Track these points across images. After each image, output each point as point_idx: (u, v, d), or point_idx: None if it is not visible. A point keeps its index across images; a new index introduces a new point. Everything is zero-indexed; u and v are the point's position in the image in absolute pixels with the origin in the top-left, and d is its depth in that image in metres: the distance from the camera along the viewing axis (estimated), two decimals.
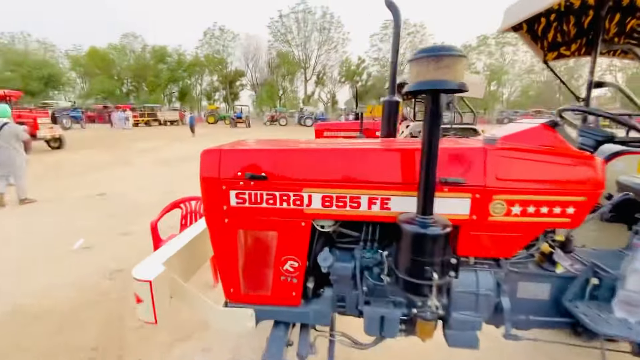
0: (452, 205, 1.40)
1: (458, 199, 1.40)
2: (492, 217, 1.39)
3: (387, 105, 2.15)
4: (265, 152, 1.47)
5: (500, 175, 1.37)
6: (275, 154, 1.46)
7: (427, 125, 1.18)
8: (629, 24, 2.28)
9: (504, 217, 1.39)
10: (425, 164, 1.20)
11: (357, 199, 1.41)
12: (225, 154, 1.45)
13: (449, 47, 1.09)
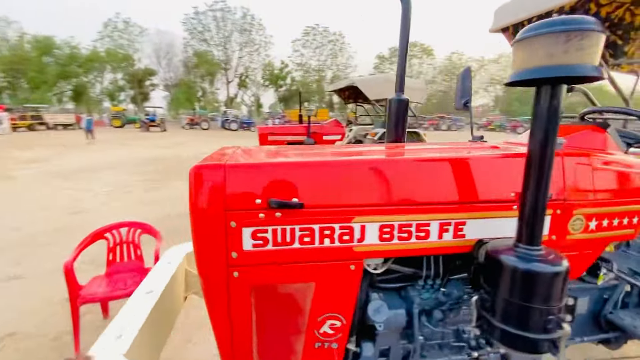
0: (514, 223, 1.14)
1: None
2: (571, 235, 1.17)
3: (395, 105, 1.84)
4: (298, 166, 0.99)
5: (579, 185, 1.16)
6: (315, 169, 0.99)
7: (542, 126, 0.86)
8: None
9: (581, 234, 1.18)
10: (537, 177, 0.89)
11: (426, 226, 1.04)
12: (234, 170, 0.93)
13: (581, 19, 0.78)
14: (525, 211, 0.92)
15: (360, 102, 7.73)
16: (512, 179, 1.10)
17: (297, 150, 1.40)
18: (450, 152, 1.27)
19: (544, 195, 0.89)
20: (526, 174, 0.91)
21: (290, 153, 1.28)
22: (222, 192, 0.91)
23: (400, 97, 1.82)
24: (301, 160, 1.03)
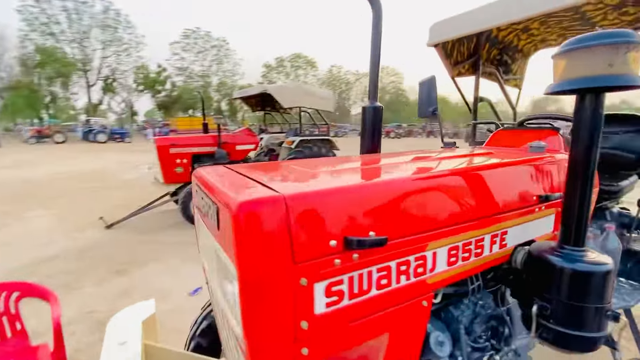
0: (536, 225, 1.21)
1: (544, 217, 1.22)
2: None
3: (371, 113, 1.75)
4: (378, 189, 0.77)
5: None
6: (395, 191, 0.78)
7: (587, 132, 0.89)
8: (491, 52, 2.92)
9: None
10: (582, 181, 0.92)
11: (481, 241, 0.96)
12: (299, 203, 0.65)
13: (618, 32, 0.85)
14: (571, 214, 0.94)
15: (268, 110, 7.52)
16: (533, 183, 1.15)
17: (331, 165, 1.15)
18: (474, 159, 1.25)
19: (589, 198, 0.93)
20: (569, 178, 0.94)
21: (331, 170, 1.04)
22: (288, 237, 0.62)
23: (374, 105, 1.74)
24: (379, 181, 0.81)
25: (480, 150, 1.64)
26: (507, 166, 1.13)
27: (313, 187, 0.72)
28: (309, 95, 5.90)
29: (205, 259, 1.05)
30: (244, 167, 1.03)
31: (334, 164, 1.26)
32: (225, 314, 0.79)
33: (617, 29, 0.82)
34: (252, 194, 0.64)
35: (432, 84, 1.85)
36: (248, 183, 0.75)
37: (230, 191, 0.68)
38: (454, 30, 2.36)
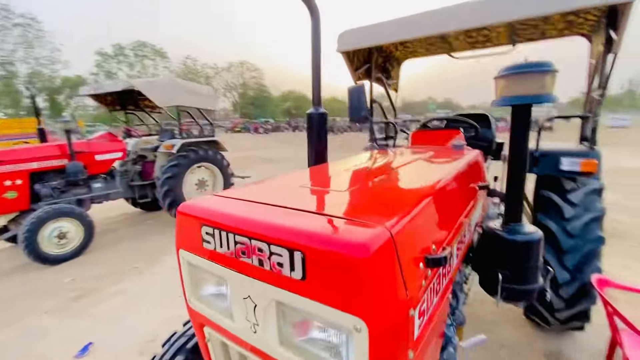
0: (477, 210, 1.50)
1: (479, 202, 1.52)
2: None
3: (316, 119, 1.74)
4: (431, 202, 0.78)
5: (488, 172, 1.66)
6: (438, 198, 0.82)
7: (518, 136, 1.17)
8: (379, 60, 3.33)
9: None
10: (518, 172, 1.20)
11: (464, 231, 1.14)
12: (402, 231, 0.62)
13: (539, 63, 1.15)
14: (513, 198, 1.23)
15: (131, 110, 6.28)
16: (472, 175, 1.42)
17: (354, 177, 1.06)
18: (449, 156, 1.42)
19: (523, 184, 1.23)
20: (510, 170, 1.22)
21: (372, 184, 0.98)
22: (400, 272, 0.58)
23: (320, 111, 1.74)
24: (431, 191, 0.82)
25: (428, 152, 1.87)
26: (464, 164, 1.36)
27: (399, 212, 0.70)
28: (188, 92, 5.27)
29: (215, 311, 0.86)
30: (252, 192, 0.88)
31: (351, 175, 1.21)
32: None
33: (542, 61, 1.10)
34: (360, 233, 0.57)
35: (361, 90, 1.99)
36: (324, 219, 0.66)
37: (328, 233, 0.58)
38: (357, 40, 2.59)
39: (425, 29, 2.26)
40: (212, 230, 0.75)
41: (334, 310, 0.57)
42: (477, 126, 2.45)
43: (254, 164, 12.90)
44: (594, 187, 2.18)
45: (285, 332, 0.69)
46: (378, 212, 0.71)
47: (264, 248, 0.65)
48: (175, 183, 5.09)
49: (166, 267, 3.95)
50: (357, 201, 0.84)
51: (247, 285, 0.71)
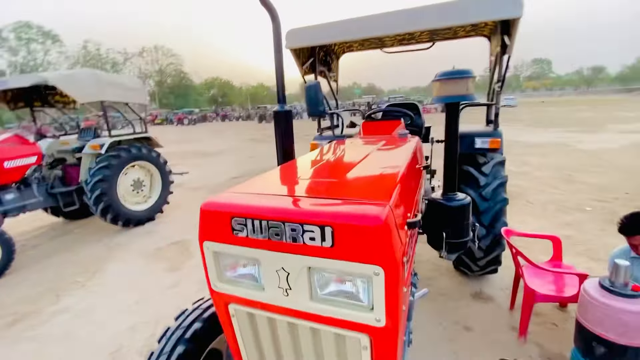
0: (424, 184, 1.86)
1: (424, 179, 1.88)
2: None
3: (282, 116, 1.90)
4: (402, 177, 1.04)
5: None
6: (402, 175, 1.08)
7: (451, 125, 1.53)
8: (321, 55, 3.54)
9: None
10: (452, 154, 1.57)
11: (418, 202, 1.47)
12: (394, 203, 0.88)
13: (463, 70, 1.51)
14: (449, 174, 1.60)
15: (38, 107, 5.42)
16: (418, 157, 1.76)
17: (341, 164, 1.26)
18: (399, 144, 1.72)
19: (456, 164, 1.61)
20: (447, 151, 1.58)
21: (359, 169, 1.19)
22: (397, 231, 0.84)
23: (284, 109, 1.91)
24: (402, 172, 1.07)
25: (381, 141, 2.16)
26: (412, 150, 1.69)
27: (388, 191, 0.94)
28: (113, 85, 4.79)
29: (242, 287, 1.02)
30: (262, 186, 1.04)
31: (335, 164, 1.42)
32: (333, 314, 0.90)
33: (465, 69, 1.44)
34: (373, 209, 0.80)
35: (318, 87, 2.20)
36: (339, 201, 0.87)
37: (350, 211, 0.80)
38: (304, 39, 2.79)
39: (362, 32, 2.60)
40: (244, 221, 0.91)
41: (358, 264, 0.80)
42: (412, 115, 2.88)
43: (186, 159, 12.17)
44: (498, 160, 2.77)
45: (314, 290, 0.91)
46: (374, 193, 0.94)
47: (297, 228, 0.84)
48: (107, 186, 4.69)
49: (111, 276, 3.72)
50: (353, 186, 1.07)
51: (280, 260, 0.90)
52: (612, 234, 3.97)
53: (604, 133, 12.76)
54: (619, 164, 7.50)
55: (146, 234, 4.95)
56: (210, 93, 75.31)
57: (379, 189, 1.03)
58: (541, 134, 13.26)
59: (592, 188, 5.88)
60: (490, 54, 3.26)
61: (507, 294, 2.87)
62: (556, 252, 2.61)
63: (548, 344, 2.28)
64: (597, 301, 1.57)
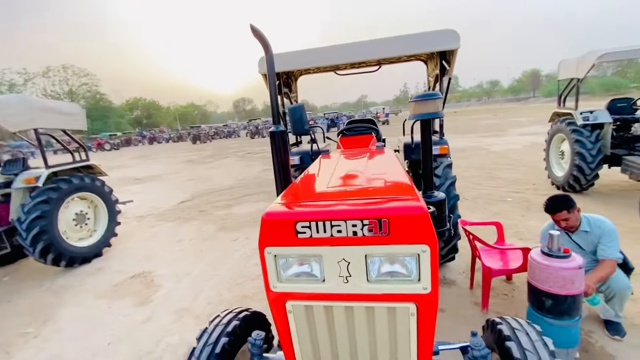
0: None
1: None
2: None
3: (279, 136, 2.07)
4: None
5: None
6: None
7: (426, 137, 1.88)
8: (283, 77, 3.77)
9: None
10: (428, 162, 1.93)
11: None
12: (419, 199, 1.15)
13: (434, 93, 1.89)
14: (427, 176, 1.96)
15: None
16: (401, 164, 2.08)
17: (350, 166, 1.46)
18: (382, 154, 2.00)
19: (432, 168, 1.97)
20: (423, 158, 1.93)
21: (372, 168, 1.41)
22: (430, 219, 1.10)
23: (279, 129, 2.08)
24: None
25: (366, 152, 2.43)
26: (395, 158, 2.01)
27: (411, 190, 1.20)
28: (48, 112, 4.32)
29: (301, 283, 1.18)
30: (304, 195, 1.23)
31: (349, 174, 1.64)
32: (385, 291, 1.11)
33: (435, 92, 1.82)
34: (416, 203, 1.05)
35: (302, 109, 2.43)
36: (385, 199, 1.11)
37: (400, 206, 1.04)
38: None
39: (325, 60, 2.95)
40: (309, 224, 1.08)
41: (409, 245, 1.04)
42: (378, 129, 3.28)
43: (119, 186, 11.14)
44: (447, 163, 3.28)
45: (369, 274, 1.12)
46: (403, 192, 1.21)
47: (357, 224, 1.05)
48: (47, 223, 4.19)
49: (68, 321, 3.34)
50: (381, 188, 1.32)
51: (341, 252, 1.09)
52: (530, 218, 4.86)
53: (508, 136, 15.17)
54: (523, 161, 9.06)
55: (97, 272, 4.50)
56: (133, 114, 69.53)
57: (403, 188, 1.29)
58: (460, 140, 15.20)
59: (508, 182, 7.04)
60: (428, 74, 3.86)
61: (466, 276, 3.36)
62: (500, 234, 3.18)
63: (505, 311, 2.77)
64: (542, 264, 2.04)
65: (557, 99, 6.41)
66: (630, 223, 4.31)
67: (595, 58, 4.88)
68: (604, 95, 46.55)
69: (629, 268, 2.45)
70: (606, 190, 5.86)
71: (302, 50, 3.06)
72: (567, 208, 2.41)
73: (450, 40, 2.62)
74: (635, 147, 5.26)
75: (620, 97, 5.92)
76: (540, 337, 1.38)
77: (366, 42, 2.91)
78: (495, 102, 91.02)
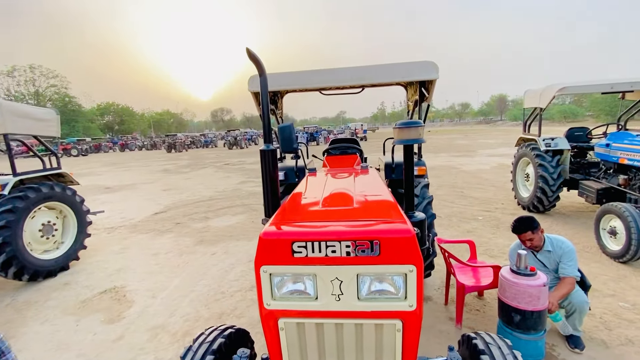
0: None
1: None
2: None
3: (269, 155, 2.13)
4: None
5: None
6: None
7: (408, 160, 2.02)
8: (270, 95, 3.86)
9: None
10: (410, 179, 2.06)
11: None
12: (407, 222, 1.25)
13: (417, 121, 2.04)
14: (409, 195, 2.08)
15: None
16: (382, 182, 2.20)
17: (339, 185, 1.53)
18: (368, 174, 2.11)
19: (413, 188, 2.11)
20: (406, 179, 2.06)
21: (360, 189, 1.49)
22: (416, 241, 1.20)
23: (269, 148, 2.15)
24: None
25: (352, 172, 2.53)
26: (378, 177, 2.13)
27: (398, 212, 1.30)
28: (19, 116, 4.12)
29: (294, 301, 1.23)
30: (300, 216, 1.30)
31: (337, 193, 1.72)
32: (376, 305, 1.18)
33: (417, 120, 1.97)
34: (404, 226, 1.15)
35: (292, 128, 2.52)
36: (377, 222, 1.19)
37: (390, 228, 1.13)
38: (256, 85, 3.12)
39: (309, 83, 3.10)
40: (305, 244, 1.15)
41: (398, 265, 1.13)
42: (361, 149, 3.42)
43: (86, 194, 10.62)
44: (425, 183, 3.46)
45: (360, 292, 1.19)
46: (390, 215, 1.31)
47: (351, 244, 1.13)
48: (11, 234, 3.95)
49: (33, 340, 3.14)
50: (369, 211, 1.42)
51: (334, 271, 1.16)
52: (499, 236, 5.16)
53: (477, 157, 16.00)
54: (492, 181, 9.60)
55: (63, 287, 4.25)
56: (104, 119, 66.80)
57: (391, 210, 1.40)
58: (433, 159, 15.84)
59: (479, 201, 7.43)
60: (408, 99, 4.09)
61: (440, 292, 3.50)
62: (472, 252, 3.36)
63: (477, 325, 2.92)
64: (511, 282, 2.20)
65: (523, 125, 6.92)
66: (586, 242, 4.68)
67: (555, 91, 5.36)
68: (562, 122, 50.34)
69: (586, 285, 2.68)
70: (566, 211, 6.34)
71: (291, 72, 3.18)
72: (531, 229, 2.62)
73: (429, 71, 2.84)
74: (591, 172, 5.76)
75: (577, 127, 6.48)
76: (511, 350, 1.50)
77: (352, 69, 3.07)
78: (466, 123, 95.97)
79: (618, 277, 3.70)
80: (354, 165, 2.81)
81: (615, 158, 4.95)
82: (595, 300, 3.13)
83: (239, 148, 31.07)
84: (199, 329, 3.13)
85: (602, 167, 5.48)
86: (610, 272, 3.80)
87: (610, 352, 2.50)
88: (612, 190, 4.93)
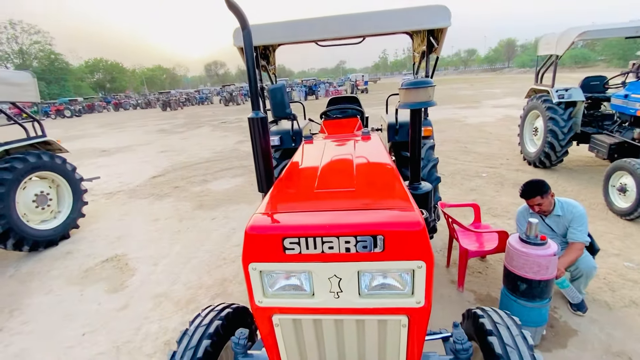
0: None
1: None
2: None
3: (257, 123, 1.91)
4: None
5: None
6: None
7: (415, 127, 1.80)
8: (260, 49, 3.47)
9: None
10: (416, 149, 1.86)
11: None
12: None
13: (426, 80, 1.78)
14: (414, 166, 1.90)
15: None
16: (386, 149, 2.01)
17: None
18: (371, 142, 1.91)
19: (419, 157, 1.91)
20: (411, 146, 1.86)
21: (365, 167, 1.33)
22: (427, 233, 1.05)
23: (259, 115, 1.92)
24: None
25: (352, 139, 2.31)
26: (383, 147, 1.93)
27: (405, 198, 1.13)
28: None
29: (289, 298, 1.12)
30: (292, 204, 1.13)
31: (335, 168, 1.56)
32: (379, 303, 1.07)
33: (427, 79, 1.71)
34: (412, 217, 0.98)
35: (283, 89, 2.25)
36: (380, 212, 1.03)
37: (395, 220, 0.96)
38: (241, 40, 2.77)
39: (304, 35, 2.73)
40: (297, 240, 0.99)
41: (405, 261, 0.99)
42: (363, 111, 3.14)
43: (83, 159, 10.46)
44: (430, 145, 3.24)
45: (361, 289, 1.06)
46: (398, 197, 1.14)
47: (351, 240, 0.98)
48: (3, 206, 3.85)
49: (37, 312, 3.18)
50: (375, 195, 1.24)
51: (332, 268, 1.02)
52: (503, 194, 5.04)
53: (482, 108, 15.41)
54: (497, 135, 9.29)
55: (65, 256, 4.27)
56: (94, 77, 64.18)
57: (395, 193, 1.23)
58: (436, 112, 15.27)
59: (482, 157, 7.22)
60: (414, 49, 3.70)
61: (442, 254, 3.47)
62: (477, 216, 3.26)
63: (479, 289, 2.91)
64: (520, 251, 2.10)
65: (535, 75, 6.45)
66: (592, 198, 4.57)
67: (575, 36, 4.88)
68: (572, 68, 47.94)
69: (595, 249, 2.60)
70: (572, 165, 6.15)
71: (282, 22, 2.80)
72: (540, 194, 2.46)
73: (440, 17, 2.47)
74: (604, 125, 5.47)
75: (594, 76, 6.03)
76: (520, 330, 1.42)
77: (350, 16, 2.69)
78: (472, 71, 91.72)
79: (624, 235, 3.63)
80: (355, 131, 2.59)
81: (633, 110, 4.64)
82: (599, 260, 3.07)
83: (235, 104, 30.08)
84: (202, 296, 3.16)
85: (618, 119, 5.18)
86: (617, 230, 3.74)
87: (614, 314, 2.49)
88: (625, 144, 4.69)
